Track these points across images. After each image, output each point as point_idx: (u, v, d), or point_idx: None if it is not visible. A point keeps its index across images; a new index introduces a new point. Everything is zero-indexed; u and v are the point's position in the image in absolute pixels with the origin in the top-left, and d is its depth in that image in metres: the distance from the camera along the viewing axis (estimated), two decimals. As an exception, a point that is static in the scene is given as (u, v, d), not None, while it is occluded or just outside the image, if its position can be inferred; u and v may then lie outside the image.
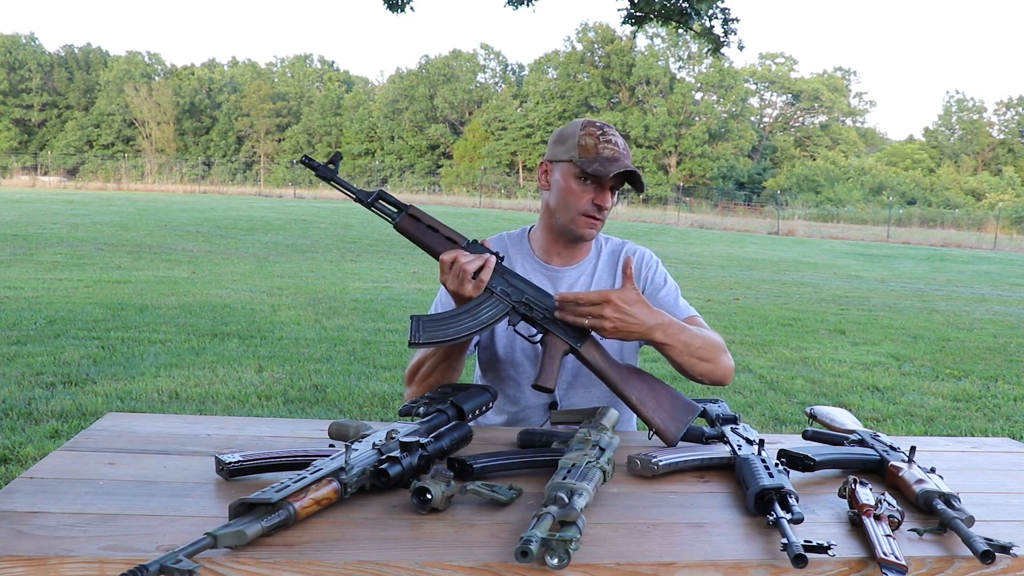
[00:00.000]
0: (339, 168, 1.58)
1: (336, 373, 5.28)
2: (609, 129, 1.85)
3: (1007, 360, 6.87)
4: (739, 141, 48.01)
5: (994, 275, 16.17)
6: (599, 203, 1.82)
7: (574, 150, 1.82)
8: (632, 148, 45.88)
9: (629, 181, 1.83)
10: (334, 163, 1.57)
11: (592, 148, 1.80)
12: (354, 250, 13.97)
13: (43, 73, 55.91)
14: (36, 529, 1.09)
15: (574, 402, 1.90)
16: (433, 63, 52.97)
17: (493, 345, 1.92)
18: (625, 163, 1.79)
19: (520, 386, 1.90)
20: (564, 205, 1.85)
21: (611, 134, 1.83)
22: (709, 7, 8.32)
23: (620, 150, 1.81)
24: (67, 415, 4.11)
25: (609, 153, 1.80)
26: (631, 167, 1.79)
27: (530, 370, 1.89)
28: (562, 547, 1.01)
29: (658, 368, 5.02)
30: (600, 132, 1.82)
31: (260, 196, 37.66)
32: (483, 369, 1.97)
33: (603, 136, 1.81)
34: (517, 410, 1.91)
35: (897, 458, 1.45)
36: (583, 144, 1.81)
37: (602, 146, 1.80)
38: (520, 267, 1.93)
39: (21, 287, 8.20)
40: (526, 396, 1.90)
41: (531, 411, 1.90)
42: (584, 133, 1.83)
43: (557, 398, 1.89)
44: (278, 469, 1.32)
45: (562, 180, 1.84)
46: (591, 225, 1.86)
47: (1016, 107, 50.61)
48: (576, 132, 1.84)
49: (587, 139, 1.82)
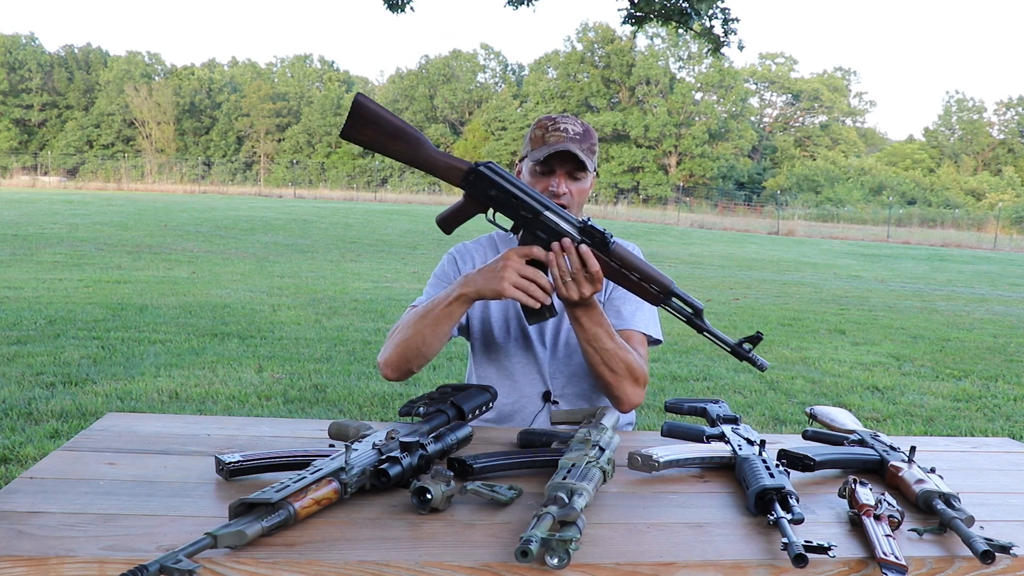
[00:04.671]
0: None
1: (336, 373, 5.28)
2: (563, 120, 1.87)
3: (1007, 360, 6.87)
4: (739, 141, 48.03)
5: (994, 275, 16.16)
6: (553, 189, 1.83)
7: (528, 145, 1.88)
8: (632, 148, 46.07)
9: (571, 160, 1.83)
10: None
11: (540, 139, 1.85)
12: (354, 250, 13.97)
13: (43, 73, 55.93)
14: (36, 529, 1.09)
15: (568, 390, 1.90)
16: (433, 63, 53.00)
17: (489, 332, 1.92)
18: (565, 144, 1.80)
19: (513, 376, 1.91)
20: None
21: (563, 123, 1.85)
22: (709, 7, 8.32)
23: (569, 135, 1.82)
24: (67, 415, 4.11)
25: (554, 140, 1.82)
26: (568, 147, 1.79)
27: (523, 361, 1.91)
28: (562, 547, 1.01)
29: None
30: (551, 123, 1.86)
31: (260, 196, 37.67)
32: (477, 361, 1.97)
33: (552, 126, 1.85)
34: (511, 401, 1.91)
35: (897, 458, 1.44)
36: (533, 137, 1.87)
37: (549, 135, 1.84)
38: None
39: (21, 287, 8.20)
40: (520, 386, 1.90)
41: (526, 401, 1.90)
42: (536, 127, 1.88)
43: (550, 387, 1.90)
44: (278, 469, 1.32)
45: (526, 175, 1.89)
46: None
47: (1016, 107, 50.63)
48: (531, 129, 1.90)
49: (537, 131, 1.87)
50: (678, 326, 7.40)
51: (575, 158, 1.81)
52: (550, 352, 1.91)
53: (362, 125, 1.54)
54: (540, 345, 1.90)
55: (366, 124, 1.54)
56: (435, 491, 1.18)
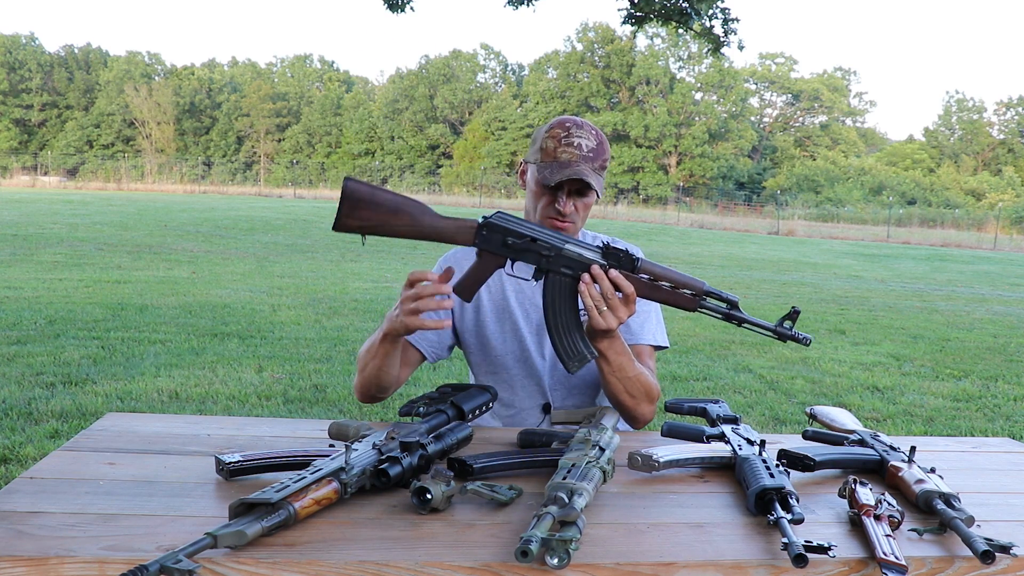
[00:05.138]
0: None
1: (336, 373, 5.28)
2: (577, 130, 1.76)
3: (1007, 360, 6.87)
4: (739, 141, 48.01)
5: (994, 275, 16.16)
6: (559, 207, 1.75)
7: (538, 153, 1.78)
8: (632, 148, 46.05)
9: (581, 182, 1.74)
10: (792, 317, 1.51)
11: (551, 151, 1.74)
12: (354, 250, 13.96)
13: (43, 73, 55.92)
14: (36, 529, 1.09)
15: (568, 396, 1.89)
16: (433, 63, 52.96)
17: (487, 348, 1.90)
18: (576, 169, 1.71)
19: (514, 389, 1.89)
20: (533, 207, 1.82)
21: (576, 135, 1.74)
22: (709, 7, 8.32)
23: (582, 152, 1.73)
24: (67, 415, 4.11)
25: (567, 157, 1.73)
26: (580, 174, 1.70)
27: (523, 374, 1.89)
28: (562, 547, 1.01)
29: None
30: (565, 134, 1.75)
31: (260, 196, 37.67)
32: (476, 373, 1.96)
33: (566, 138, 1.74)
34: (511, 413, 1.91)
35: (897, 458, 1.44)
36: (544, 147, 1.76)
37: (561, 150, 1.73)
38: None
39: (21, 287, 8.20)
40: (520, 399, 1.89)
41: (526, 413, 1.90)
42: (548, 135, 1.76)
43: (550, 399, 1.89)
44: (278, 469, 1.32)
45: (532, 181, 1.80)
46: (554, 228, 1.78)
47: (1016, 107, 50.62)
48: (542, 134, 1.78)
49: (549, 141, 1.76)
50: (677, 325, 7.42)
51: (586, 182, 1.73)
52: (550, 365, 1.88)
53: (359, 210, 1.45)
54: (540, 358, 1.88)
55: (362, 208, 1.45)
56: (435, 491, 1.18)
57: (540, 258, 1.52)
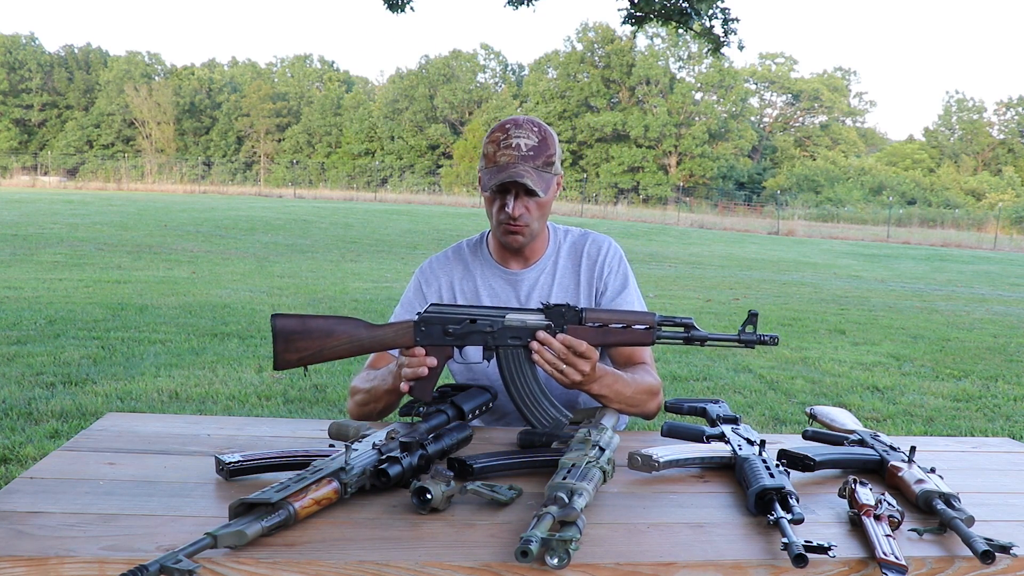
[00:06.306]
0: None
1: (336, 373, 5.28)
2: (516, 130, 1.72)
3: (1007, 360, 6.87)
4: (739, 141, 48.00)
5: (994, 275, 16.16)
6: (508, 211, 1.73)
7: (482, 159, 1.76)
8: (632, 148, 46.05)
9: (521, 185, 1.71)
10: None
11: (492, 156, 1.73)
12: (354, 250, 13.97)
13: (43, 73, 55.91)
14: (36, 529, 1.09)
15: None
16: (433, 63, 52.95)
17: (471, 368, 1.88)
18: (512, 171, 1.68)
19: (500, 399, 1.89)
20: (487, 213, 1.81)
21: (515, 136, 1.71)
22: (709, 7, 8.31)
23: (521, 152, 1.69)
24: (67, 415, 4.11)
25: (505, 160, 1.70)
26: (515, 176, 1.67)
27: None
28: (562, 547, 1.01)
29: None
30: (504, 136, 1.72)
31: (260, 196, 37.67)
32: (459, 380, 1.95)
33: (504, 140, 1.71)
34: (496, 418, 1.90)
35: (897, 458, 1.45)
36: (486, 153, 1.75)
37: (500, 153, 1.70)
38: (480, 273, 1.91)
39: (21, 287, 8.20)
40: (503, 404, 1.87)
41: (513, 418, 1.88)
42: (488, 140, 1.75)
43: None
44: (278, 469, 1.32)
45: (482, 189, 1.79)
46: (508, 232, 1.77)
47: (1016, 107, 50.61)
48: (484, 140, 1.76)
49: (489, 146, 1.74)
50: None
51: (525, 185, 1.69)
52: (544, 377, 1.88)
53: (293, 343, 1.48)
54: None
55: (296, 340, 1.48)
56: (435, 491, 1.19)
57: (484, 336, 1.53)
